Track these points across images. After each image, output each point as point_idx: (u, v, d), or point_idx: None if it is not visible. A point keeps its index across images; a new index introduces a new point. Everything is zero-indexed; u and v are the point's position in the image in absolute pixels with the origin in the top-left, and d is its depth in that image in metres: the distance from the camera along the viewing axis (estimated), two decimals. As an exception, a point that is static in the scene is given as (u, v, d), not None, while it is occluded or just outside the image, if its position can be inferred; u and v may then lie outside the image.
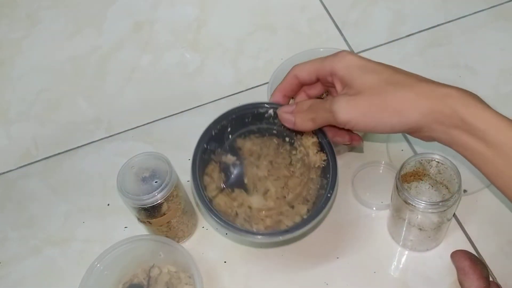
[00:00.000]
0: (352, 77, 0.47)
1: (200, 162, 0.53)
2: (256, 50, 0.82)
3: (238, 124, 0.56)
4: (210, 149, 0.55)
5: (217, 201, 0.53)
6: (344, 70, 0.48)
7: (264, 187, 0.54)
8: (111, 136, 0.75)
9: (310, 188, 0.54)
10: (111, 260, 0.57)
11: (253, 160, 0.55)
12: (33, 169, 0.73)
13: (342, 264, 0.59)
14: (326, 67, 0.50)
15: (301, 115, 0.50)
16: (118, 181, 0.56)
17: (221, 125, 0.55)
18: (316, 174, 0.54)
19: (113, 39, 0.87)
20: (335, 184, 0.51)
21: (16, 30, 0.91)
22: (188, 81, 0.80)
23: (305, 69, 0.52)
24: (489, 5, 0.82)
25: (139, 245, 0.58)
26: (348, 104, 0.46)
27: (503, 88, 0.72)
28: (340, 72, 0.48)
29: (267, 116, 0.55)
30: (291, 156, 0.56)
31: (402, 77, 0.47)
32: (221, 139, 0.55)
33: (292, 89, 0.54)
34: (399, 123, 0.45)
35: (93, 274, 0.56)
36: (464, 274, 0.53)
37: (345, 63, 0.48)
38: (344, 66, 0.48)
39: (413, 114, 0.44)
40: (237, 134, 0.56)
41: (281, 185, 0.54)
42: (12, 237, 0.67)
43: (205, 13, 0.88)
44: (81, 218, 0.67)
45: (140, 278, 0.59)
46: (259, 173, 0.55)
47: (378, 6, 0.85)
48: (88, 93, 0.81)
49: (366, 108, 0.46)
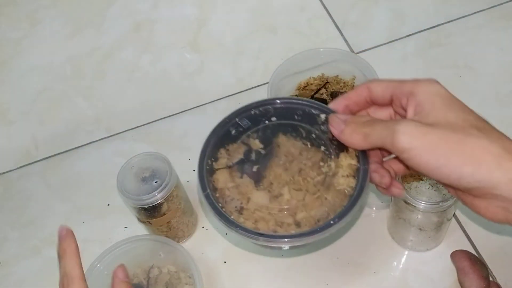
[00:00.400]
0: (433, 105, 0.41)
1: (224, 134, 0.48)
2: (256, 50, 0.82)
3: (283, 115, 0.49)
4: (242, 126, 0.49)
5: (218, 175, 0.46)
6: (426, 95, 0.41)
7: (278, 191, 0.46)
8: (111, 136, 0.75)
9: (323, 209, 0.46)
10: (111, 260, 0.57)
11: (284, 161, 0.47)
12: (33, 169, 0.73)
13: (342, 264, 0.59)
14: (406, 87, 0.43)
15: (354, 125, 0.43)
16: (118, 181, 0.56)
17: (264, 108, 0.49)
18: (332, 196, 0.45)
19: (113, 39, 0.87)
20: (345, 216, 0.43)
21: (16, 30, 0.91)
22: (188, 81, 0.80)
23: (382, 84, 0.45)
24: (489, 5, 0.82)
25: (139, 245, 0.58)
26: (417, 129, 0.38)
27: (503, 88, 0.72)
28: (420, 96, 0.42)
29: (318, 119, 0.48)
30: (318, 168, 0.47)
31: (489, 126, 0.40)
32: (258, 122, 0.49)
33: (359, 102, 0.46)
34: (470, 175, 0.37)
35: (93, 274, 0.56)
36: (464, 274, 0.53)
37: (430, 88, 0.42)
38: (427, 91, 0.42)
39: (494, 170, 0.36)
40: (278, 125, 0.49)
41: (298, 198, 0.46)
42: (12, 237, 0.67)
43: (205, 13, 0.88)
44: (81, 218, 0.67)
45: (140, 278, 0.59)
46: (284, 177, 0.46)
47: (378, 6, 0.85)
48: (88, 93, 0.81)
49: (437, 141, 0.38)
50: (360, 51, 0.79)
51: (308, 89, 0.71)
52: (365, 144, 0.42)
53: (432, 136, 0.38)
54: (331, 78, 0.71)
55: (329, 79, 0.71)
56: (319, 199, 0.45)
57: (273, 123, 0.49)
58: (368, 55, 0.78)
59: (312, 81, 0.71)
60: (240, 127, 0.49)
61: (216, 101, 0.77)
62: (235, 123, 0.49)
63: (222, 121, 0.49)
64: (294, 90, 0.72)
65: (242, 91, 0.77)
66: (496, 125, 0.68)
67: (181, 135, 0.73)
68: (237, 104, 0.75)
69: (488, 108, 0.69)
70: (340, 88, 0.70)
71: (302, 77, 0.72)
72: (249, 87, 0.78)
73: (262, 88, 0.77)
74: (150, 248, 0.58)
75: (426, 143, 0.38)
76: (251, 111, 0.49)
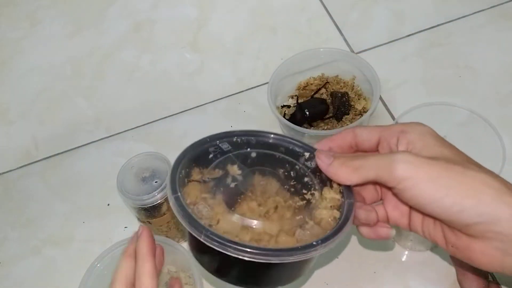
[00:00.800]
0: (425, 142, 0.39)
1: (203, 152, 0.45)
2: (256, 50, 0.82)
3: (266, 148, 0.47)
4: (222, 149, 0.46)
5: (190, 188, 0.42)
6: (417, 133, 0.40)
7: (250, 223, 0.40)
8: (111, 136, 0.75)
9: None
10: (111, 260, 0.57)
11: (261, 193, 0.43)
12: (33, 169, 0.73)
13: (342, 264, 0.59)
14: (395, 127, 0.41)
15: (343, 159, 0.41)
16: (118, 181, 0.56)
17: (247, 138, 0.47)
18: (311, 229, 0.41)
19: (113, 39, 0.87)
20: (328, 241, 0.39)
21: (16, 30, 0.91)
22: (188, 81, 0.80)
23: (368, 128, 0.43)
24: (489, 5, 0.82)
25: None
26: (416, 158, 0.37)
27: (502, 88, 0.72)
28: (412, 134, 0.40)
29: (301, 157, 0.46)
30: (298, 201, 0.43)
31: (483, 167, 0.38)
32: (239, 148, 0.47)
33: (343, 146, 0.44)
34: (472, 208, 0.35)
35: (93, 274, 0.56)
36: (464, 274, 0.52)
37: (420, 127, 0.41)
38: (418, 129, 0.40)
39: (496, 204, 0.35)
40: (260, 156, 0.46)
41: (272, 233, 0.40)
42: (12, 237, 0.67)
43: (205, 13, 0.88)
44: (81, 218, 0.67)
45: None
46: (258, 210, 0.42)
47: (378, 6, 0.85)
48: (88, 93, 0.81)
49: (438, 171, 0.36)
50: (360, 51, 0.79)
51: (308, 89, 0.71)
52: (355, 178, 0.40)
53: (432, 166, 0.36)
54: (331, 78, 0.71)
55: (329, 79, 0.71)
56: (293, 237, 0.40)
57: (255, 153, 0.46)
58: (368, 55, 0.78)
59: (312, 81, 0.71)
60: (220, 150, 0.46)
61: (216, 101, 0.77)
62: (215, 145, 0.46)
63: (202, 139, 0.46)
64: (294, 90, 0.72)
65: (242, 91, 0.77)
66: (496, 125, 0.68)
67: (181, 135, 0.73)
68: (237, 104, 0.75)
69: (488, 108, 0.70)
70: (340, 88, 0.70)
71: (302, 77, 0.72)
72: (249, 87, 0.78)
73: (262, 88, 0.77)
74: None
75: (426, 172, 0.36)
76: (234, 138, 0.47)
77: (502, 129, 0.67)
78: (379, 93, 0.64)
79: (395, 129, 0.41)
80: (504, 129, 0.67)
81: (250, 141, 0.47)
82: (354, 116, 0.67)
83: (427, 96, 0.72)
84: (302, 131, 0.63)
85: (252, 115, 0.74)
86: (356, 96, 0.69)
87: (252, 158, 0.46)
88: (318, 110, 0.67)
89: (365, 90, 0.69)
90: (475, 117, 0.69)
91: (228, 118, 0.74)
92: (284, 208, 0.42)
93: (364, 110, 0.67)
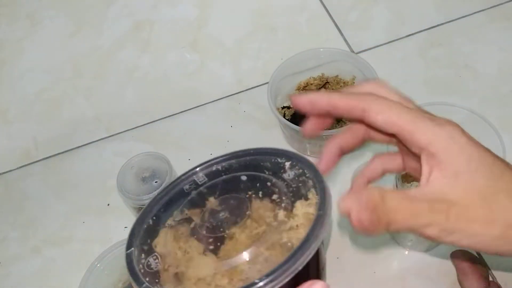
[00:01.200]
0: (460, 166, 0.33)
1: (176, 192, 0.42)
2: (256, 50, 0.82)
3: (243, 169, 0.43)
4: (196, 182, 0.43)
5: (160, 237, 0.39)
6: (448, 155, 0.34)
7: (234, 262, 0.36)
8: (111, 136, 0.75)
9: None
10: (111, 260, 0.57)
11: (239, 232, 0.38)
12: (33, 169, 0.73)
13: (342, 264, 0.59)
14: (420, 139, 0.34)
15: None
16: (118, 181, 0.56)
17: (228, 163, 0.44)
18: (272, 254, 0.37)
19: (113, 39, 0.87)
20: (274, 274, 0.32)
21: (16, 30, 0.91)
22: (188, 81, 0.80)
23: (385, 117, 0.35)
24: (489, 5, 0.82)
25: None
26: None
27: (503, 88, 0.72)
28: (442, 156, 0.33)
29: (282, 168, 0.42)
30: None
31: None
32: (215, 177, 0.43)
33: (355, 141, 0.40)
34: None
35: (93, 274, 0.56)
36: (464, 274, 0.53)
37: (452, 146, 0.34)
38: (450, 149, 0.34)
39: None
40: (228, 184, 0.42)
41: (257, 269, 0.36)
42: (12, 237, 0.67)
43: (205, 13, 0.88)
44: (81, 218, 0.67)
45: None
46: (243, 256, 0.36)
47: (378, 6, 0.85)
48: (88, 93, 0.81)
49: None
50: (360, 51, 0.79)
51: (308, 89, 0.71)
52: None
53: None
54: (331, 78, 0.71)
55: (329, 79, 0.71)
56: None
57: (227, 178, 0.42)
58: (368, 55, 0.78)
59: (312, 81, 0.71)
60: (195, 184, 0.43)
61: (216, 101, 0.77)
62: (190, 181, 0.43)
63: (173, 180, 0.43)
64: (294, 90, 0.72)
65: (242, 91, 0.77)
66: (496, 125, 0.68)
67: (181, 135, 0.73)
68: (237, 104, 0.75)
69: (488, 108, 0.70)
70: (340, 88, 0.70)
71: (302, 77, 0.72)
72: (249, 87, 0.78)
73: (262, 88, 0.77)
74: None
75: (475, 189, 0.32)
76: (214, 167, 0.44)
77: (502, 129, 0.67)
78: (379, 93, 0.64)
79: (420, 142, 0.34)
80: (504, 129, 0.67)
81: (231, 165, 0.44)
82: (354, 116, 0.67)
83: (427, 96, 0.72)
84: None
85: (252, 115, 0.74)
86: (356, 96, 0.69)
87: (223, 185, 0.42)
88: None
89: (365, 90, 0.69)
90: (475, 117, 0.69)
91: (228, 118, 0.74)
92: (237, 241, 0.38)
93: (364, 110, 0.67)
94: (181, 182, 0.44)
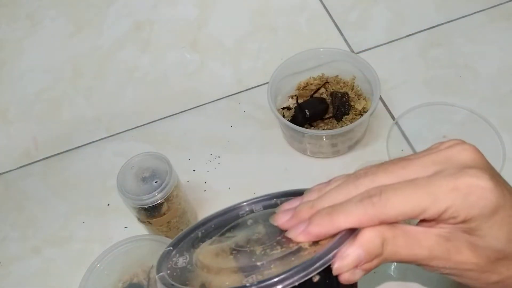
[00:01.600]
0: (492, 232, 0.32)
1: (232, 215, 0.43)
2: (256, 50, 0.82)
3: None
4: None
5: (207, 246, 0.40)
6: (480, 221, 0.31)
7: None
8: (111, 136, 0.75)
9: None
10: (111, 260, 0.57)
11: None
12: (33, 169, 0.73)
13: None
14: (442, 200, 0.31)
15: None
16: (118, 181, 0.56)
17: (287, 199, 0.42)
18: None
19: (113, 39, 0.87)
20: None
21: (16, 30, 0.91)
22: (188, 81, 0.80)
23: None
24: (489, 5, 0.82)
25: (139, 245, 0.58)
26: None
27: (503, 88, 0.72)
28: (473, 224, 0.31)
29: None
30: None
31: None
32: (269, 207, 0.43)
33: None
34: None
35: (93, 274, 0.56)
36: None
37: (482, 210, 0.31)
38: (479, 214, 0.31)
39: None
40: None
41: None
42: (12, 237, 0.67)
43: (205, 13, 0.88)
44: (81, 218, 0.67)
45: (140, 278, 0.59)
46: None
47: (378, 6, 0.85)
48: (88, 93, 0.81)
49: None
50: (360, 51, 0.79)
51: (307, 89, 0.71)
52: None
53: None
54: (331, 78, 0.71)
55: (329, 79, 0.71)
56: None
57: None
58: (368, 55, 0.78)
59: (312, 81, 0.71)
60: (251, 211, 0.43)
61: (216, 101, 0.77)
62: (249, 209, 0.44)
63: (235, 204, 0.44)
64: (294, 90, 0.72)
65: (242, 91, 0.77)
66: (496, 125, 0.68)
67: (181, 135, 0.73)
68: (237, 104, 0.75)
69: (488, 108, 0.70)
70: (340, 88, 0.70)
71: (302, 77, 0.72)
72: (249, 87, 0.78)
73: (262, 88, 0.77)
74: (149, 248, 0.58)
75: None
76: (272, 200, 0.44)
77: (502, 128, 0.67)
78: (379, 93, 0.64)
79: (440, 205, 0.31)
80: (504, 128, 0.67)
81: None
82: (354, 116, 0.67)
83: (427, 96, 0.72)
84: (302, 131, 0.63)
85: (252, 115, 0.74)
86: (356, 96, 0.69)
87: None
88: (318, 110, 0.67)
89: (365, 90, 0.69)
90: (475, 117, 0.69)
91: (228, 118, 0.74)
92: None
93: (364, 110, 0.67)
94: (240, 208, 0.44)
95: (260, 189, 0.66)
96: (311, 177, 0.67)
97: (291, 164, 0.68)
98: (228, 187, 0.67)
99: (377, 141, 0.68)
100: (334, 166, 0.67)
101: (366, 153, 0.68)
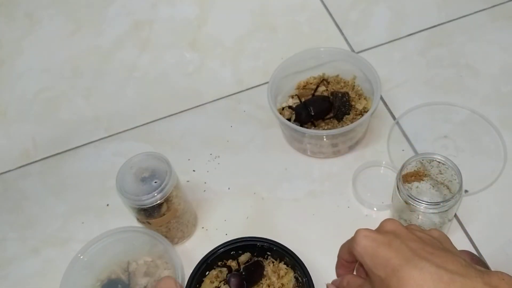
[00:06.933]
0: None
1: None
2: (256, 50, 0.82)
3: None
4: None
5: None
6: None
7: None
8: (110, 136, 0.75)
9: None
10: (95, 251, 0.58)
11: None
12: (32, 169, 0.73)
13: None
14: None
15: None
16: (117, 181, 0.56)
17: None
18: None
19: (113, 38, 0.87)
20: None
21: (16, 30, 0.90)
22: (188, 81, 0.80)
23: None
24: (489, 5, 0.81)
25: (114, 240, 0.59)
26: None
27: (503, 88, 0.72)
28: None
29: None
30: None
31: None
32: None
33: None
34: None
35: (76, 265, 0.57)
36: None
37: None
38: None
39: None
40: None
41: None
42: (12, 238, 0.67)
43: (205, 13, 0.88)
44: (80, 218, 0.67)
45: (119, 274, 0.59)
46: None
47: (378, 5, 0.84)
48: (88, 93, 0.80)
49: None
50: (361, 50, 0.79)
51: (307, 88, 0.71)
52: None
53: None
54: (332, 77, 0.71)
55: (329, 79, 0.71)
56: None
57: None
58: (368, 54, 0.78)
59: (312, 80, 0.71)
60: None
61: (216, 101, 0.76)
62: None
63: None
64: (294, 90, 0.72)
65: (242, 91, 0.77)
66: (497, 125, 0.68)
67: (181, 135, 0.73)
68: (237, 103, 0.75)
69: (489, 108, 0.69)
70: (340, 88, 0.70)
71: (302, 76, 0.72)
72: (249, 87, 0.77)
73: (262, 88, 0.76)
74: (124, 243, 0.59)
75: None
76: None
77: (503, 128, 0.67)
78: (379, 93, 0.64)
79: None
80: (505, 128, 0.67)
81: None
82: (354, 116, 0.67)
83: (428, 95, 0.72)
84: (302, 131, 0.63)
85: (252, 115, 0.74)
86: (356, 96, 0.69)
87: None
88: (323, 108, 0.67)
89: (366, 89, 0.69)
90: (476, 116, 0.69)
91: (228, 118, 0.74)
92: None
93: (364, 110, 0.67)
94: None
95: (260, 189, 0.66)
96: (311, 177, 0.66)
97: (291, 164, 0.68)
98: (228, 187, 0.67)
99: (378, 141, 0.68)
100: (334, 166, 0.67)
101: (367, 153, 0.67)
